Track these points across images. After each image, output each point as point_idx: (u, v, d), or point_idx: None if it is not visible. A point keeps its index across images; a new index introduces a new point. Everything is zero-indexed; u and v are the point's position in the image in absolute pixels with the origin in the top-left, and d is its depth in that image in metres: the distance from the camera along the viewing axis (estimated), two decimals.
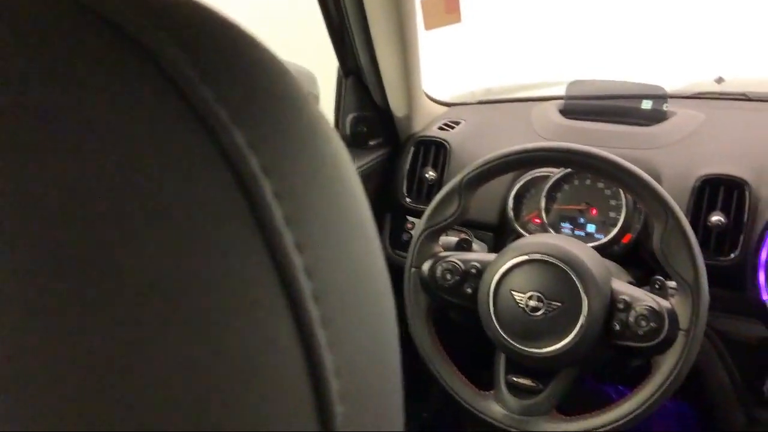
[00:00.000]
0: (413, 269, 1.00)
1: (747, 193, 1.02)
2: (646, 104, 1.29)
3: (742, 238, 1.01)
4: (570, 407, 0.93)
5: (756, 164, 1.05)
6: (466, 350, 1.10)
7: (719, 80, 1.55)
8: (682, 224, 0.84)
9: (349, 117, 1.28)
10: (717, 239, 1.03)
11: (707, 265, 1.01)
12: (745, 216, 1.01)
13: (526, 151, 0.93)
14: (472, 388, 0.96)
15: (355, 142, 1.29)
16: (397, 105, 1.26)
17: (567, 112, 1.34)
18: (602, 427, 0.86)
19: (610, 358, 0.95)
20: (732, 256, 1.02)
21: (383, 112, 1.28)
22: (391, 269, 0.22)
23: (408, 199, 1.29)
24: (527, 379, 0.93)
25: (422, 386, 0.98)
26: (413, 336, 0.99)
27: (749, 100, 1.38)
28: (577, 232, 1.14)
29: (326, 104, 1.34)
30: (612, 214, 1.11)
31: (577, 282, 0.86)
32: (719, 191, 1.04)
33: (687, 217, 1.04)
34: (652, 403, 0.84)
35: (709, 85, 1.50)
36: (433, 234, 0.99)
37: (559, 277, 0.88)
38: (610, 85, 1.32)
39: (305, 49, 1.27)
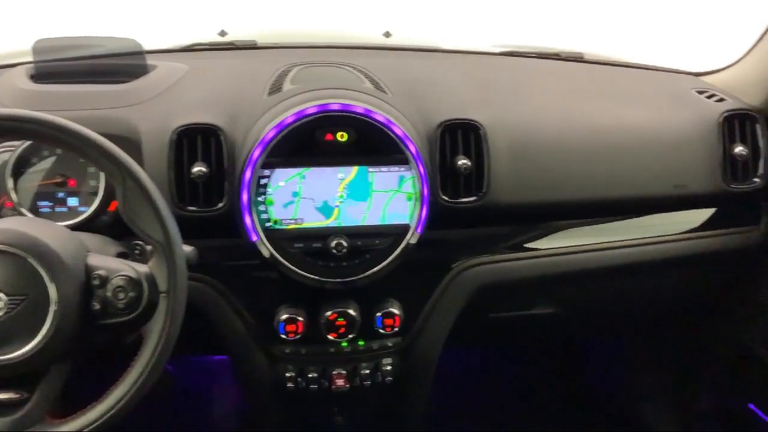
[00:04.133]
0: None
1: (223, 140, 1.04)
2: None
3: (226, 185, 1.04)
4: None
5: (230, 110, 1.08)
6: None
7: (222, 33, 1.61)
8: (141, 182, 0.80)
9: None
10: (204, 190, 1.04)
11: (203, 217, 1.03)
12: (225, 162, 1.04)
13: None
14: None
15: None
16: None
17: (40, 76, 1.20)
18: (100, 418, 0.79)
19: (105, 340, 0.89)
20: (220, 205, 1.04)
21: None
22: None
23: None
24: (10, 392, 0.81)
25: None
26: None
27: (237, 48, 1.45)
28: (58, 209, 1.03)
29: None
30: (92, 183, 1.03)
31: (39, 268, 0.76)
32: (197, 140, 1.04)
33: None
34: (150, 373, 0.80)
35: (214, 37, 1.54)
36: None
37: (18, 267, 0.76)
38: (80, 42, 1.22)
39: None
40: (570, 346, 1.90)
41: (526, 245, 1.22)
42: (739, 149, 1.21)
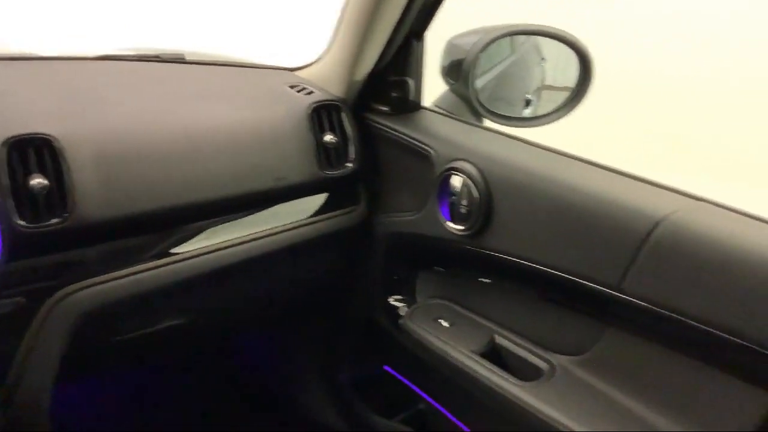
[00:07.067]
0: None
1: None
2: None
3: None
4: None
5: None
6: None
7: None
8: None
9: None
10: None
11: None
12: None
13: None
14: None
15: None
16: None
17: None
18: None
19: None
20: None
21: None
22: None
23: None
24: None
25: None
26: None
27: None
28: None
29: None
30: None
31: None
32: None
33: None
34: None
35: None
36: None
37: None
38: None
39: None
40: (218, 344, 1.91)
41: (144, 257, 1.17)
42: (328, 137, 1.31)
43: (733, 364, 0.91)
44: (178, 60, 1.47)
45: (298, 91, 1.37)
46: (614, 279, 0.97)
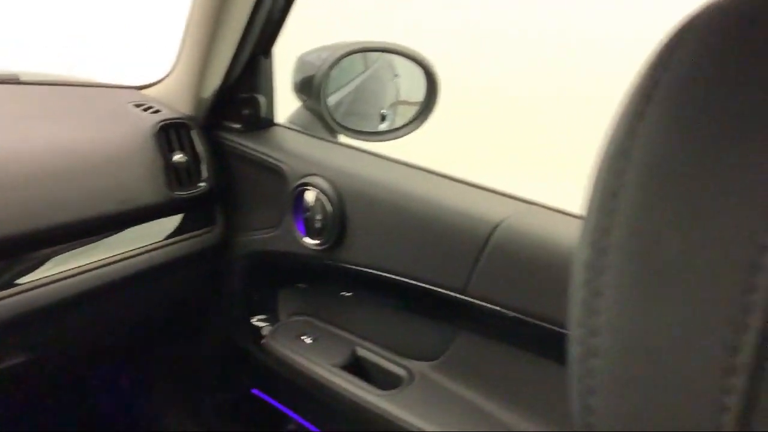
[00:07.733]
0: None
1: None
2: None
3: None
4: None
5: None
6: None
7: None
8: None
9: None
10: None
11: None
12: None
13: None
14: None
15: None
16: None
17: None
18: None
19: None
20: None
21: None
22: None
23: None
24: None
25: None
26: None
27: None
28: None
29: None
30: None
31: None
32: None
33: None
34: None
35: None
36: None
37: None
38: None
39: None
40: (71, 379, 1.80)
41: None
42: (177, 157, 1.28)
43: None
44: (12, 81, 1.38)
45: (144, 110, 1.33)
46: (460, 283, 1.01)
